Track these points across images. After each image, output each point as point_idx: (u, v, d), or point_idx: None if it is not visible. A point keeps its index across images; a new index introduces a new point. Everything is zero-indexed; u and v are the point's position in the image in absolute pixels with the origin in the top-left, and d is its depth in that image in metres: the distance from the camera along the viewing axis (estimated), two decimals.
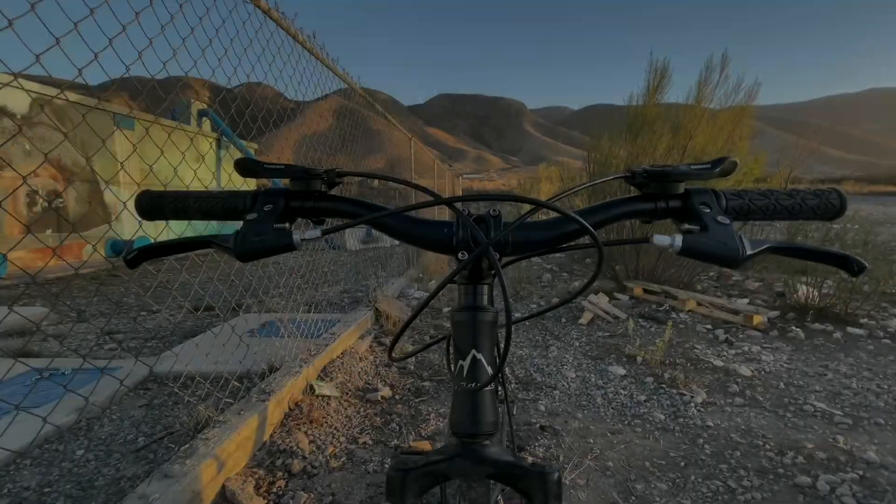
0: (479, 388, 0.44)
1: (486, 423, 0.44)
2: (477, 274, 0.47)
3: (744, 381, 2.47)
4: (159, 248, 0.46)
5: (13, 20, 1.03)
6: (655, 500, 1.53)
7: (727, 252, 0.42)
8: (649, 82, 4.02)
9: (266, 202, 0.46)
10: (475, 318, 0.46)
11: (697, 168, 0.45)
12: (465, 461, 0.43)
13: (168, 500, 1.27)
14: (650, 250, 4.38)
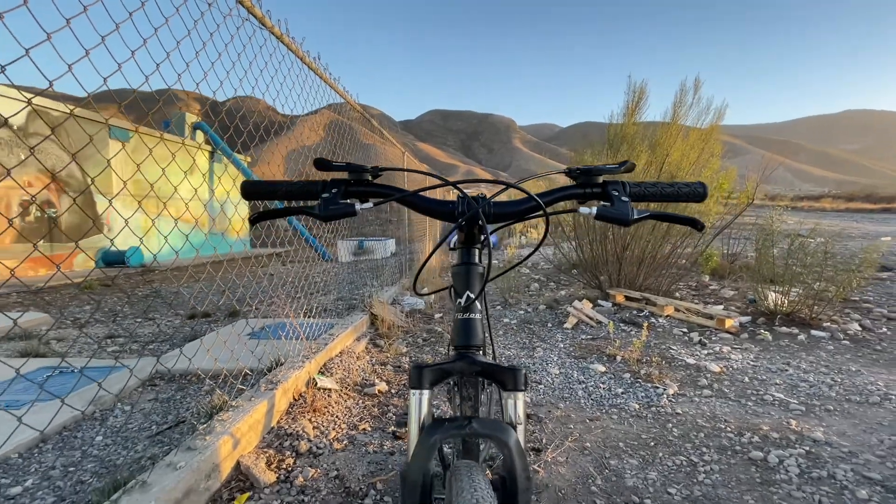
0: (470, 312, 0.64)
1: (476, 339, 0.63)
2: (470, 239, 0.67)
3: (713, 376, 2.69)
4: (273, 213, 0.67)
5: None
6: (626, 473, 1.71)
7: (623, 216, 0.63)
8: (628, 103, 4.32)
9: (333, 187, 0.66)
10: (469, 270, 0.65)
11: (610, 167, 0.66)
12: (461, 363, 0.62)
13: (192, 468, 1.42)
14: (633, 260, 4.64)
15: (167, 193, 1.78)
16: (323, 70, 2.84)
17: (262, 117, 2.86)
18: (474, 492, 0.53)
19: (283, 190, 0.68)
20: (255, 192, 0.69)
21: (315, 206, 0.65)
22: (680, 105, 4.14)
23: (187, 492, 1.39)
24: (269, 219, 0.68)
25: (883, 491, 1.56)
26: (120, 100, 1.72)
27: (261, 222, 0.68)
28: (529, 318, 4.18)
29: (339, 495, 1.56)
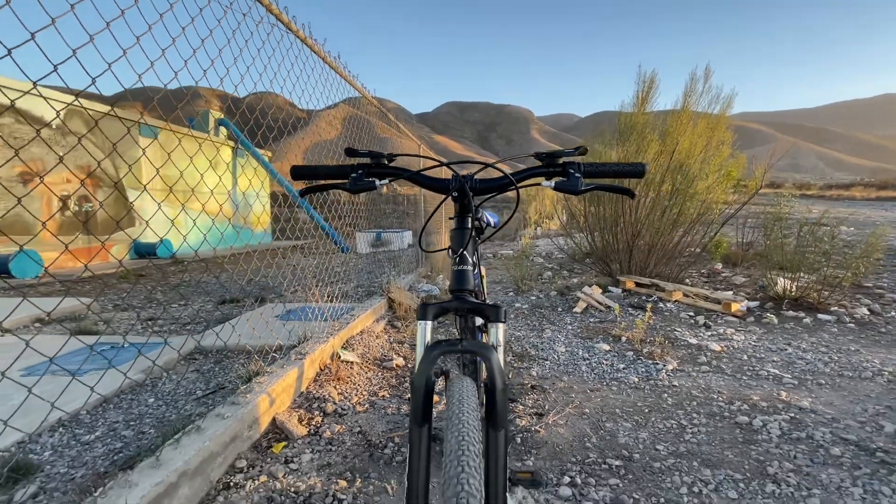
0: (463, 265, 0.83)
1: (467, 285, 0.82)
2: (463, 209, 0.86)
3: (713, 354, 2.82)
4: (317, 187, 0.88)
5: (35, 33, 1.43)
6: (619, 433, 1.89)
7: (574, 188, 0.81)
8: (638, 92, 4.40)
9: (359, 168, 0.86)
10: (461, 233, 0.84)
11: (568, 151, 0.84)
12: (456, 302, 0.82)
13: (237, 418, 1.66)
14: (643, 248, 4.75)
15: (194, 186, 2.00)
16: (343, 68, 3.04)
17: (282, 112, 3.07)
18: (462, 389, 0.72)
19: (323, 171, 0.89)
20: (301, 174, 0.90)
21: (346, 183, 0.86)
22: (690, 93, 4.21)
23: (233, 437, 1.63)
24: (314, 192, 0.89)
25: (856, 449, 1.70)
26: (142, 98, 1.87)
27: (309, 193, 0.89)
28: (540, 304, 4.35)
29: (361, 446, 1.78)
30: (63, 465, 1.62)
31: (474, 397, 0.74)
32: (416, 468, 0.71)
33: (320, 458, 1.69)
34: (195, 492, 1.42)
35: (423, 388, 0.73)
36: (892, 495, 1.44)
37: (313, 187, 0.90)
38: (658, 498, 1.46)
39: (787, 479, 1.53)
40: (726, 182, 4.10)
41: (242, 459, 1.65)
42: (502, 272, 6.33)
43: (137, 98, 1.90)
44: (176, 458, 1.38)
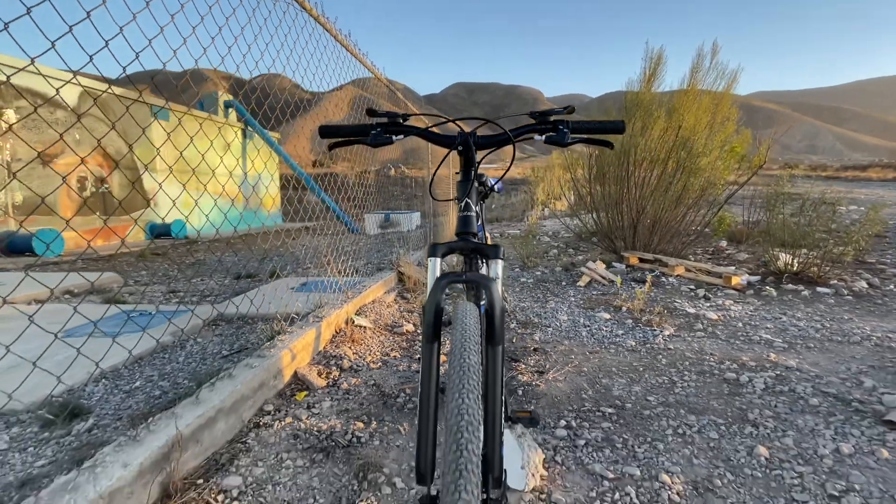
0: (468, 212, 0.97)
1: (471, 228, 0.95)
2: (467, 162, 0.99)
3: (709, 322, 2.94)
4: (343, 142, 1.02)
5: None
6: (614, 387, 2.03)
7: (561, 140, 0.93)
8: (645, 69, 4.42)
9: (378, 127, 0.99)
10: (466, 183, 0.97)
11: (558, 110, 0.95)
12: (461, 243, 0.95)
13: (264, 368, 1.83)
14: (647, 225, 4.84)
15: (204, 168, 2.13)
16: (353, 46, 3.13)
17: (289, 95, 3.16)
18: (466, 311, 0.86)
19: (346, 130, 1.02)
20: (328, 133, 1.03)
21: (367, 139, 0.99)
22: (697, 70, 4.22)
23: (261, 384, 1.80)
24: (340, 147, 1.03)
25: (833, 400, 1.83)
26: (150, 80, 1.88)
27: (336, 147, 1.02)
28: (545, 278, 4.48)
29: (376, 396, 1.95)
30: (110, 408, 1.81)
31: (476, 318, 0.87)
32: (427, 378, 0.86)
33: (339, 405, 1.86)
34: (230, 427, 1.60)
35: (434, 312, 0.86)
36: (860, 436, 1.57)
37: (339, 143, 1.04)
38: (645, 437, 1.61)
39: (766, 423, 1.67)
40: (730, 158, 4.15)
41: (269, 404, 1.82)
42: (509, 250, 6.44)
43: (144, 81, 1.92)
44: (213, 398, 1.55)
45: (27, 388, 1.67)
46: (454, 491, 0.62)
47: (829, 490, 1.31)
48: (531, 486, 1.33)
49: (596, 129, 0.96)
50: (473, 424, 0.69)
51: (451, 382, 0.74)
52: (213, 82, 13.92)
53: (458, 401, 0.74)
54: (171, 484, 1.29)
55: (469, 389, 0.75)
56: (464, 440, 0.66)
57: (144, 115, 9.67)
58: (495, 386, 0.89)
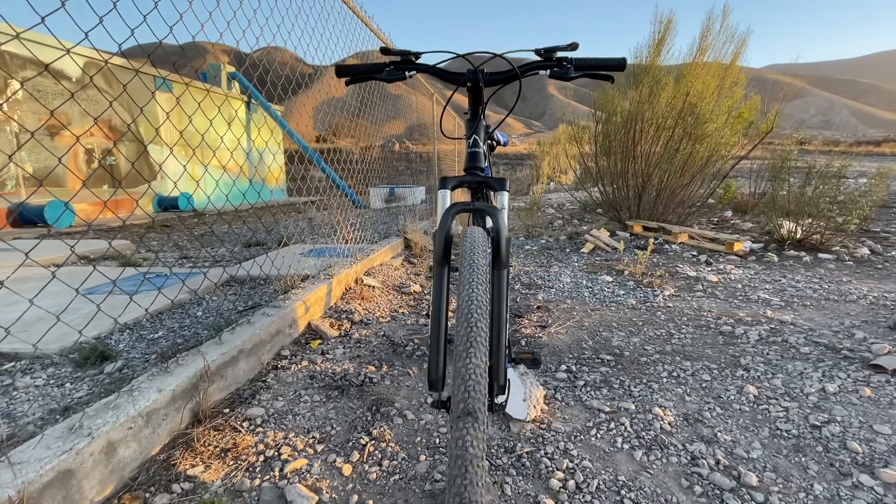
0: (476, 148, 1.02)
1: (479, 163, 1.01)
2: (475, 100, 1.04)
3: (709, 283, 3.01)
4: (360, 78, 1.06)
5: None
6: (613, 338, 2.12)
7: (565, 75, 0.97)
8: (654, 34, 4.35)
9: (391, 65, 1.04)
10: (475, 121, 1.03)
11: (562, 46, 1.00)
12: (469, 176, 1.01)
13: (280, 317, 1.93)
14: (651, 192, 4.85)
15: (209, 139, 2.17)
16: (359, 9, 3.11)
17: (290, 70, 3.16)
18: (474, 236, 0.93)
19: (361, 67, 1.07)
20: (344, 72, 1.08)
21: (381, 74, 1.05)
22: (707, 33, 4.15)
23: (277, 331, 1.90)
24: (356, 83, 1.09)
25: (824, 349, 1.91)
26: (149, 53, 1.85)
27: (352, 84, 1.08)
28: (550, 246, 4.54)
29: (386, 345, 2.05)
30: (137, 353, 1.92)
31: (483, 240, 0.94)
32: (439, 297, 0.94)
33: (351, 352, 1.97)
34: (251, 367, 1.71)
35: (444, 237, 0.94)
36: (845, 378, 1.65)
37: (355, 79, 1.09)
38: (641, 379, 1.70)
39: (756, 368, 1.75)
40: (738, 124, 4.12)
41: (286, 350, 1.93)
42: (514, 221, 6.49)
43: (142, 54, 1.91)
44: (234, 340, 1.65)
45: (54, 336, 1.78)
46: (464, 392, 0.70)
47: (811, 421, 1.40)
48: (532, 416, 1.43)
49: (599, 65, 1.01)
50: (480, 337, 0.77)
51: (459, 300, 0.82)
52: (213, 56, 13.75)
53: (466, 316, 0.82)
54: (200, 411, 1.40)
55: (476, 306, 0.83)
56: (472, 350, 0.74)
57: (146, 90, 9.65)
58: (500, 305, 0.97)
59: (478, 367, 0.70)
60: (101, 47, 1.37)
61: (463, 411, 0.65)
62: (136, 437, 1.17)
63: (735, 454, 1.26)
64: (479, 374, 0.73)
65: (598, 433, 1.38)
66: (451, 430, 0.67)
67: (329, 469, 1.24)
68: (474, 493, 0.60)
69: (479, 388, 0.68)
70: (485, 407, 0.69)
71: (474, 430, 0.64)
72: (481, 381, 0.71)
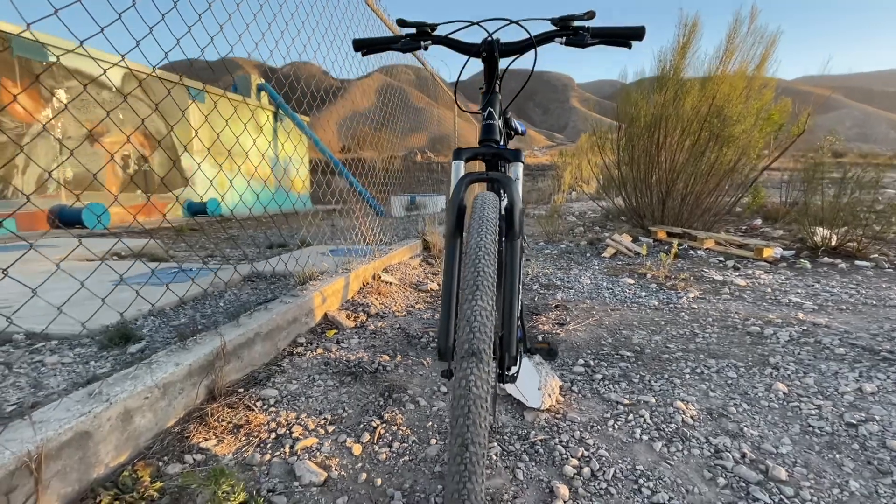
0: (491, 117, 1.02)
1: (494, 135, 1.01)
2: (490, 72, 1.04)
3: (736, 287, 2.90)
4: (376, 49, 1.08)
5: None
6: (634, 337, 2.06)
7: (581, 42, 0.96)
8: (678, 37, 4.29)
9: (407, 36, 1.05)
10: (491, 94, 1.02)
11: (579, 14, 0.99)
12: (484, 148, 1.01)
13: (297, 305, 1.95)
14: (676, 198, 4.75)
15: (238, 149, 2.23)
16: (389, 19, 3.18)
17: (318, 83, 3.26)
18: (486, 201, 0.90)
19: (378, 40, 1.09)
20: (362, 45, 1.10)
21: (397, 45, 1.06)
22: (734, 35, 4.07)
23: (294, 319, 1.92)
24: (373, 53, 1.11)
25: (861, 350, 1.80)
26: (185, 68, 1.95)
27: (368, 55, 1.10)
28: (570, 250, 4.47)
29: (401, 336, 2.04)
30: (160, 337, 1.97)
31: (495, 207, 0.92)
32: (451, 268, 0.92)
33: (366, 342, 1.97)
34: (267, 351, 1.72)
35: (457, 207, 0.93)
36: (885, 379, 1.55)
37: (372, 49, 1.11)
38: (662, 375, 1.64)
39: (787, 367, 1.66)
40: (767, 126, 4.00)
41: (302, 338, 1.95)
42: (534, 228, 6.44)
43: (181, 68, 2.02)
44: (251, 323, 1.68)
45: (82, 320, 1.85)
46: (468, 333, 0.68)
47: (847, 419, 1.31)
48: (546, 405, 1.39)
49: (616, 33, 0.99)
50: (487, 281, 0.74)
51: (468, 249, 0.79)
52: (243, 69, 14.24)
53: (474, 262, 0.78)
54: (215, 388, 1.42)
55: (484, 253, 0.79)
56: (479, 293, 0.71)
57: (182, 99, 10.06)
58: (513, 276, 0.95)
59: (483, 310, 0.68)
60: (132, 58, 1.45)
61: (467, 352, 0.63)
62: (152, 408, 1.19)
63: (762, 449, 1.19)
64: (485, 317, 0.70)
65: (616, 424, 1.33)
66: (454, 372, 0.65)
67: (339, 448, 1.23)
68: (477, 434, 0.58)
69: (484, 330, 0.66)
70: (490, 349, 0.66)
71: (478, 371, 0.62)
72: (487, 324, 0.68)
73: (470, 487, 0.56)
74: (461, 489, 0.56)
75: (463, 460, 0.57)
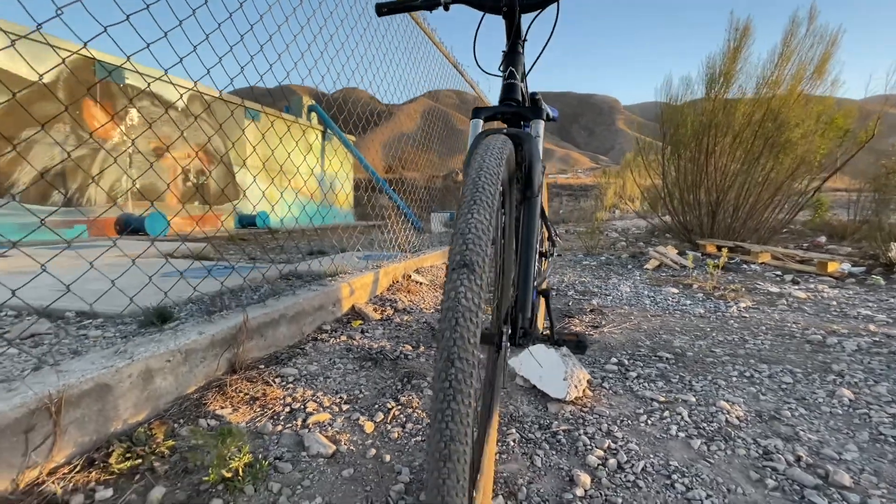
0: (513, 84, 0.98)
1: (514, 95, 0.97)
2: (511, 29, 1.00)
3: (795, 299, 2.65)
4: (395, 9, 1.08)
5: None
6: (675, 341, 1.90)
7: None
8: (729, 41, 4.11)
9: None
10: (512, 56, 0.99)
11: None
12: (503, 106, 0.97)
13: (323, 293, 1.96)
14: (727, 209, 4.47)
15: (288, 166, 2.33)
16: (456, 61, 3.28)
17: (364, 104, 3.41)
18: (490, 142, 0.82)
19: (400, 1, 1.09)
20: (383, 6, 1.11)
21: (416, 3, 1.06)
22: (791, 37, 3.85)
23: (320, 306, 1.93)
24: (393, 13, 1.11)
25: None
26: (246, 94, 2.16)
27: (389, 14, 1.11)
28: (610, 262, 4.29)
29: (425, 330, 2.00)
30: (194, 319, 2.03)
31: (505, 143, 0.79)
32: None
33: (390, 333, 1.94)
34: (291, 334, 1.73)
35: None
36: None
37: (393, 10, 1.11)
38: (705, 377, 1.49)
39: (854, 375, 1.47)
40: (830, 131, 3.70)
41: (327, 325, 1.95)
42: (575, 242, 6.26)
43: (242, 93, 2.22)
44: (277, 305, 1.70)
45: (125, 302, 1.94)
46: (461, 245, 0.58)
47: None
48: (572, 396, 1.29)
49: None
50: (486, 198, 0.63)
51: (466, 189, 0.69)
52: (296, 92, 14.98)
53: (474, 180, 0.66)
54: (237, 362, 1.43)
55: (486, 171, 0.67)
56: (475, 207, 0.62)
57: (240, 118, 10.77)
58: (529, 235, 0.90)
59: (480, 224, 0.60)
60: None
61: (458, 263, 0.57)
62: (173, 371, 1.21)
63: (822, 454, 1.04)
64: (482, 231, 0.60)
65: (650, 420, 1.21)
66: (444, 285, 0.59)
67: (351, 425, 1.19)
68: (464, 350, 0.53)
69: (479, 244, 0.58)
70: (485, 263, 0.57)
71: (469, 282, 0.56)
72: (483, 238, 0.59)
73: (455, 408, 0.50)
74: (445, 408, 0.50)
75: (448, 377, 0.52)
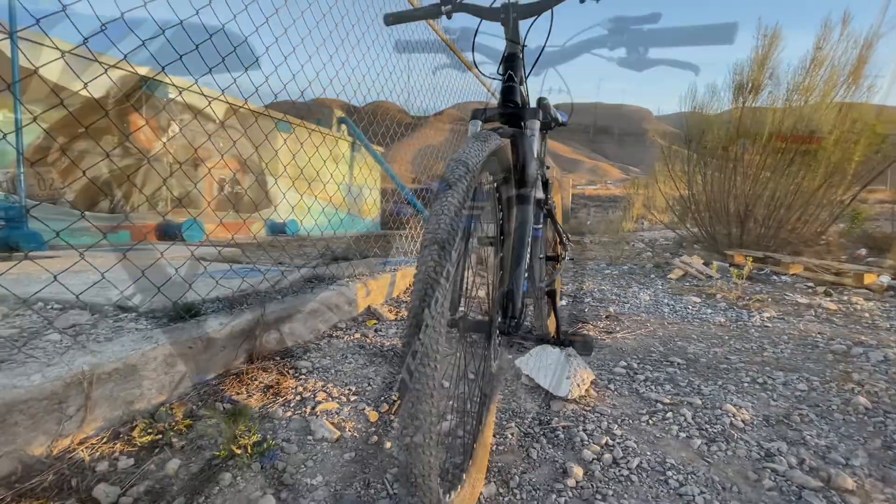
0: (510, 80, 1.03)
1: (514, 97, 1.01)
2: (514, 38, 1.05)
3: (825, 310, 2.54)
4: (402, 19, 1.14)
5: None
6: (690, 347, 1.87)
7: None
8: (757, 48, 4.02)
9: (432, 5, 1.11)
10: (512, 55, 1.04)
11: None
12: (503, 108, 1.01)
13: (340, 292, 2.04)
14: (757, 218, 4.34)
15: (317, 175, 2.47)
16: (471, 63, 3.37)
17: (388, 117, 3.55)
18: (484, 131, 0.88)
19: (406, 11, 1.16)
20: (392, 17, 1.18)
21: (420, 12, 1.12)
22: (823, 42, 3.74)
23: (335, 305, 2.01)
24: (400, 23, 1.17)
25: None
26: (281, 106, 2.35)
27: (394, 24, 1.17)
28: (633, 271, 4.23)
29: None
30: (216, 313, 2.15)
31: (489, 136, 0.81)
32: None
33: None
34: (307, 329, 1.81)
35: None
36: None
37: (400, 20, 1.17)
38: (715, 382, 1.47)
39: (874, 384, 1.42)
40: (867, 138, 3.55)
41: (342, 323, 2.02)
42: (599, 252, 6.18)
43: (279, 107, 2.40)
44: (294, 301, 1.79)
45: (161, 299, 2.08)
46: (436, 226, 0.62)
47: None
48: (575, 394, 1.30)
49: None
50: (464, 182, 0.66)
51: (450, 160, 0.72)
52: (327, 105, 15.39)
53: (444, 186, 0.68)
54: (254, 353, 1.51)
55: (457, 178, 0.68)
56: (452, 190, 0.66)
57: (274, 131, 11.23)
58: (524, 233, 0.94)
59: (452, 206, 0.63)
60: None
61: (430, 241, 0.62)
62: (194, 358, 1.30)
63: (828, 458, 1.02)
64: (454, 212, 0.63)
65: (651, 420, 1.21)
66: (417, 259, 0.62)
67: (357, 414, 1.24)
68: (432, 318, 0.57)
69: (454, 226, 0.62)
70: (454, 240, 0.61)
71: (439, 258, 0.60)
72: (454, 218, 0.63)
73: (422, 370, 0.55)
74: (413, 370, 0.55)
75: (412, 343, 0.56)
